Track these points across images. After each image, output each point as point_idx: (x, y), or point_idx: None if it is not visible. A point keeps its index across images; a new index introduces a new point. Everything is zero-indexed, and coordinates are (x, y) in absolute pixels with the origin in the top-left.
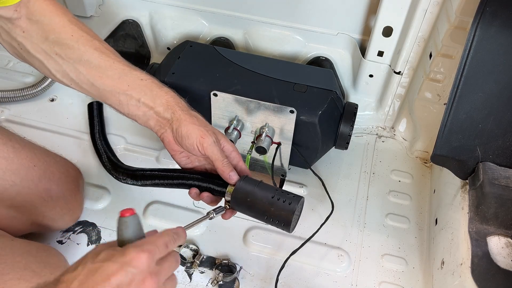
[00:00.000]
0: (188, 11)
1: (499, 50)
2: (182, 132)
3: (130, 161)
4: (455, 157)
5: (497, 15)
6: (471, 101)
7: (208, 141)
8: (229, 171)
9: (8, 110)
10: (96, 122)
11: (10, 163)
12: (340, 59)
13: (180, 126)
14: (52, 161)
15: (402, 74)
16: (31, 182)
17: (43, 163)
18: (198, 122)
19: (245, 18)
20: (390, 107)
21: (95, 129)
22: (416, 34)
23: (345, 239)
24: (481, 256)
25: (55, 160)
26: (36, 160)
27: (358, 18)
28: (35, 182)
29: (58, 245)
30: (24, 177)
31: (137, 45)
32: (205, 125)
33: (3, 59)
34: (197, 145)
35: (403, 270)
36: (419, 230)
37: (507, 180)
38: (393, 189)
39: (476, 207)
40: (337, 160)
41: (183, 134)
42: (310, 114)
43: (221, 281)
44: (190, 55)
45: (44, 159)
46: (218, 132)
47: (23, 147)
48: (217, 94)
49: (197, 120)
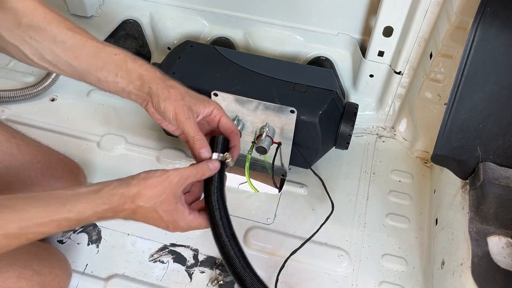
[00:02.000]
0: (189, 11)
1: (500, 50)
2: (160, 107)
3: (130, 161)
4: (456, 157)
5: (497, 15)
6: (471, 101)
7: (181, 117)
8: (199, 148)
9: (8, 110)
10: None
11: (13, 159)
12: (341, 59)
13: (158, 101)
14: (55, 159)
15: (402, 74)
16: (34, 179)
17: (46, 160)
18: (174, 95)
19: (246, 18)
20: (391, 107)
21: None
22: (417, 34)
23: (345, 239)
24: (481, 256)
25: (58, 158)
26: (39, 157)
27: (359, 18)
28: (38, 179)
29: (58, 245)
30: (27, 174)
31: (137, 45)
32: (181, 97)
33: (4, 59)
34: (173, 121)
35: (403, 270)
36: (419, 230)
37: (507, 180)
38: (393, 189)
39: (477, 207)
40: (338, 160)
41: (161, 110)
42: (310, 114)
43: (221, 281)
44: (190, 55)
45: (47, 156)
46: (197, 103)
47: (27, 144)
48: (217, 94)
49: (173, 94)
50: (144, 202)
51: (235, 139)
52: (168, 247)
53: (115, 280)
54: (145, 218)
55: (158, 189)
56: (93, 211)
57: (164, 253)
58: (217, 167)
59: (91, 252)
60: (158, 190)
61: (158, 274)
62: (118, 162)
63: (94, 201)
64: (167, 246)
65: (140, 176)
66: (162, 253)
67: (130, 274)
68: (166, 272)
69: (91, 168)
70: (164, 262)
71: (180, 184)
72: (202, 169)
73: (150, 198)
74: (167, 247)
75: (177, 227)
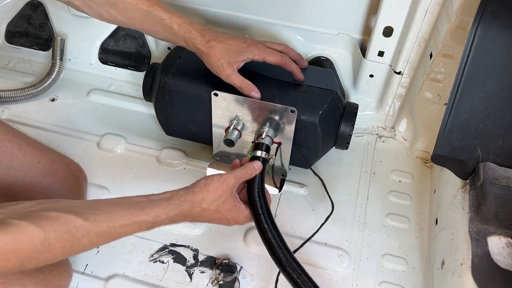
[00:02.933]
0: (189, 11)
1: (500, 50)
2: (206, 63)
3: (130, 161)
4: (456, 157)
5: (497, 15)
6: (471, 101)
7: (223, 74)
8: (248, 92)
9: (8, 110)
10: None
11: (14, 159)
12: (341, 59)
13: (203, 58)
14: (56, 160)
15: (402, 74)
16: (34, 179)
17: (47, 161)
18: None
19: (246, 18)
20: (391, 107)
21: None
22: (417, 34)
23: (345, 239)
24: (482, 256)
25: (59, 159)
26: (40, 158)
27: (359, 18)
28: (39, 179)
29: None
30: (27, 174)
31: (137, 44)
32: (221, 56)
33: (4, 59)
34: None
35: (403, 270)
36: (420, 230)
37: (507, 180)
38: (393, 189)
39: (477, 207)
40: (338, 160)
41: (208, 66)
42: (310, 114)
43: (221, 281)
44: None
45: (48, 157)
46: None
47: (28, 144)
48: (217, 93)
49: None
50: (208, 205)
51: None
52: (168, 247)
53: (115, 280)
54: (209, 218)
55: (218, 192)
56: (166, 215)
57: (164, 253)
58: (261, 166)
59: (91, 252)
60: (219, 194)
61: (158, 274)
62: (118, 162)
63: (167, 207)
64: (167, 246)
65: (201, 183)
66: (162, 253)
67: (130, 274)
68: (166, 272)
69: (91, 168)
70: (164, 262)
71: (236, 185)
72: (250, 169)
73: (213, 201)
74: (167, 247)
75: (237, 221)
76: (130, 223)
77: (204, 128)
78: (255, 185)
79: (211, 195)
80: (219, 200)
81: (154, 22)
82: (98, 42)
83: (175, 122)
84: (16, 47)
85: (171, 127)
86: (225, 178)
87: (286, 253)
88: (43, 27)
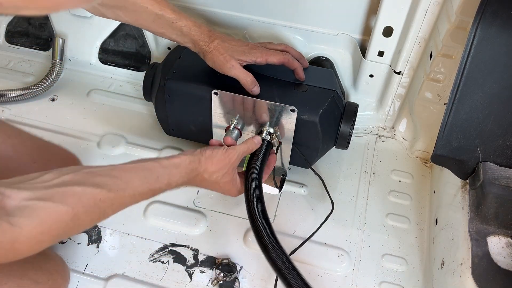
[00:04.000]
0: (189, 11)
1: (500, 50)
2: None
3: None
4: (455, 157)
5: (497, 15)
6: (471, 101)
7: (227, 66)
8: (251, 87)
9: (8, 110)
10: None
11: (9, 161)
12: (341, 59)
13: (206, 59)
14: (52, 158)
15: (402, 74)
16: None
17: (42, 159)
18: (217, 52)
19: (246, 18)
20: (391, 107)
21: None
22: (417, 34)
23: (345, 239)
24: (482, 256)
25: (55, 155)
26: (36, 157)
27: (359, 18)
28: None
29: (58, 245)
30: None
31: (137, 45)
32: (224, 51)
33: (4, 59)
34: (222, 71)
35: (403, 270)
36: (419, 230)
37: (507, 180)
38: (393, 189)
39: (477, 207)
40: (338, 160)
41: (211, 63)
42: (311, 113)
43: (221, 281)
44: (190, 54)
45: (44, 155)
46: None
47: (22, 143)
48: (217, 93)
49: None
50: (209, 176)
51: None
52: (168, 247)
53: (115, 280)
54: (208, 186)
55: (221, 165)
56: (176, 183)
57: (164, 253)
58: (260, 141)
59: (91, 252)
60: (221, 166)
61: (158, 274)
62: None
63: (177, 174)
64: (167, 246)
65: (207, 154)
66: (162, 253)
67: (130, 274)
68: (166, 272)
69: None
70: (164, 262)
71: (238, 159)
72: (251, 144)
73: (214, 172)
74: (167, 247)
75: (232, 193)
76: (147, 191)
77: (204, 127)
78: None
79: (214, 167)
80: (220, 172)
81: (163, 24)
82: (98, 42)
83: (175, 121)
84: (16, 47)
85: (171, 127)
86: (229, 153)
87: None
88: (43, 27)
